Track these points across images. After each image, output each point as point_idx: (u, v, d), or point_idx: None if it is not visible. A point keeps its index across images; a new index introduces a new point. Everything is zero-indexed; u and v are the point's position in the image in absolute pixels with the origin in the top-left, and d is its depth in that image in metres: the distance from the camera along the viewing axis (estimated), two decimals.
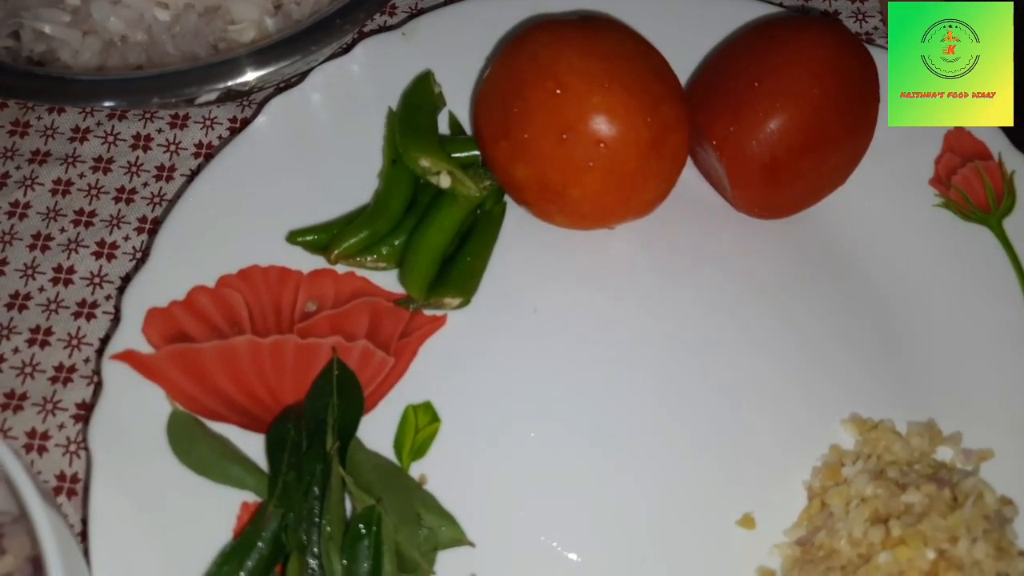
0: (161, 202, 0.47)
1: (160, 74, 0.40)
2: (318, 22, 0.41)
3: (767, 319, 0.43)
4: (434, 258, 0.42)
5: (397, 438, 0.40)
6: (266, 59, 0.41)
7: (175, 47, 0.42)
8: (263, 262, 0.42)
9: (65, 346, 0.42)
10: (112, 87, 0.40)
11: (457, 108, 0.47)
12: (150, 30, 0.42)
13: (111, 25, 0.42)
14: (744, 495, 0.39)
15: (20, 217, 0.46)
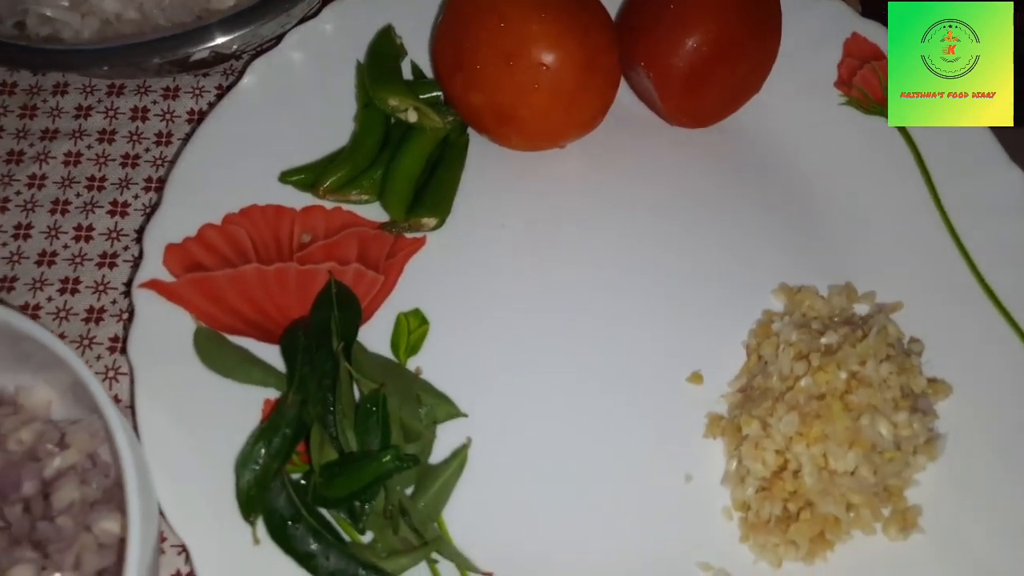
0: (163, 163, 0.52)
1: (155, 39, 0.46)
2: None
3: (705, 212, 0.50)
4: (410, 183, 0.48)
5: (393, 339, 0.46)
6: (246, 20, 0.46)
7: (166, 19, 0.48)
8: (261, 201, 0.48)
9: (93, 292, 0.48)
10: (113, 52, 0.46)
11: (417, 56, 0.53)
12: (141, 7, 0.48)
13: (107, 5, 0.47)
14: (694, 357, 0.46)
15: (39, 187, 0.51)
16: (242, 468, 0.39)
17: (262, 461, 0.39)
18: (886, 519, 0.39)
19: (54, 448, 0.38)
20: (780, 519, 0.39)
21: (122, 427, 0.35)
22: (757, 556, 0.40)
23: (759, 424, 0.40)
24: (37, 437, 0.38)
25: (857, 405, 0.38)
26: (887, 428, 0.38)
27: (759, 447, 0.39)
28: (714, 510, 0.41)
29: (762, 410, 0.40)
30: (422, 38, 0.53)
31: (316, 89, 0.51)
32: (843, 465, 0.37)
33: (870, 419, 0.38)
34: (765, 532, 0.39)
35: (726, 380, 0.45)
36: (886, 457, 0.38)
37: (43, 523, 0.35)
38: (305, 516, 0.38)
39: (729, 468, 0.41)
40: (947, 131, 0.49)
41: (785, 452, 0.39)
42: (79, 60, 0.46)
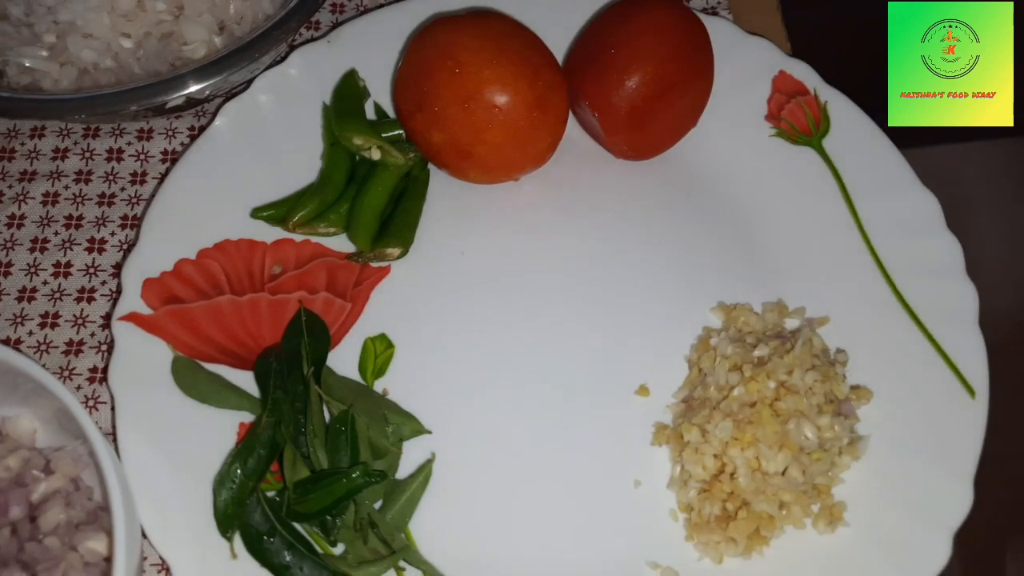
0: (139, 202, 0.55)
1: (132, 88, 0.49)
2: (257, 36, 0.51)
3: (649, 237, 0.54)
4: (375, 216, 0.52)
5: (361, 363, 0.49)
6: (218, 69, 0.50)
7: (140, 68, 0.51)
8: (233, 236, 0.51)
9: (72, 325, 0.51)
10: (92, 101, 0.49)
11: (380, 98, 0.57)
12: (117, 56, 0.51)
13: (84, 55, 0.50)
14: (641, 371, 0.49)
15: (18, 227, 0.54)
16: (219, 487, 0.42)
17: (238, 480, 0.42)
18: (815, 515, 0.43)
19: (39, 474, 0.40)
20: (720, 518, 0.42)
21: (107, 452, 0.38)
22: (701, 554, 0.43)
23: (699, 431, 0.44)
24: (23, 464, 0.40)
25: (785, 411, 0.42)
26: (812, 431, 0.42)
27: (699, 452, 0.43)
28: (661, 512, 0.45)
29: (701, 418, 0.44)
30: (383, 81, 0.57)
31: (284, 129, 0.55)
32: (774, 466, 0.41)
33: (796, 423, 0.41)
34: (707, 531, 0.42)
35: (671, 392, 0.49)
36: (813, 458, 0.42)
37: (31, 544, 0.38)
38: (280, 530, 0.40)
39: (674, 473, 0.45)
40: (866, 157, 0.54)
41: (722, 456, 0.42)
42: (59, 109, 0.49)
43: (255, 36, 0.50)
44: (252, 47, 0.50)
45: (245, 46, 0.50)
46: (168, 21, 0.51)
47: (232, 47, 0.50)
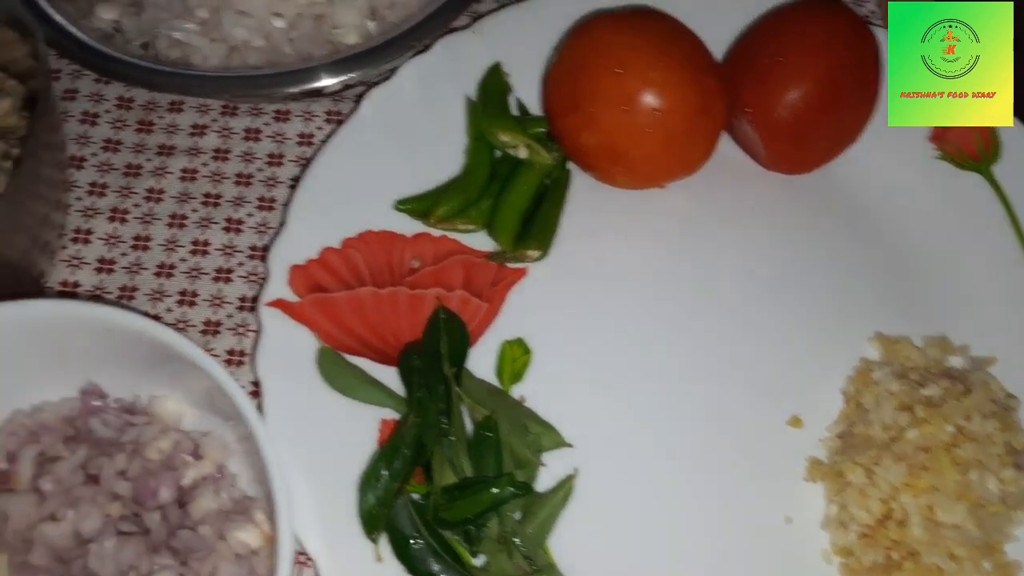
0: (275, 184, 0.54)
1: (284, 72, 0.48)
2: (412, 27, 0.49)
3: (798, 257, 0.51)
4: (518, 216, 0.50)
5: (498, 367, 0.48)
6: (369, 59, 0.48)
7: (291, 49, 0.50)
8: (375, 227, 0.50)
9: (209, 305, 0.50)
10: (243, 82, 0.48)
11: (522, 93, 0.55)
12: (269, 36, 0.50)
13: (236, 33, 0.50)
14: (792, 400, 0.47)
15: (156, 201, 0.54)
16: (365, 487, 0.41)
17: (384, 481, 0.41)
18: (988, 573, 0.40)
19: (189, 458, 0.40)
20: (882, 566, 0.40)
21: (267, 437, 0.37)
22: None
23: (863, 472, 0.41)
24: (174, 447, 0.40)
25: (964, 460, 0.39)
26: (995, 484, 0.39)
27: (864, 495, 0.41)
28: (813, 553, 0.43)
29: (867, 458, 0.41)
30: (526, 75, 0.55)
31: (427, 120, 0.53)
32: (950, 517, 0.38)
33: (980, 475, 0.39)
34: None
35: (824, 424, 0.46)
36: (991, 511, 0.39)
37: (184, 532, 0.37)
38: (426, 536, 0.39)
39: (830, 513, 0.42)
40: None
41: (890, 501, 0.40)
42: (214, 86, 0.48)
43: (410, 26, 0.49)
44: (408, 36, 0.49)
45: (401, 35, 0.48)
46: (321, 3, 0.50)
47: (386, 35, 0.49)
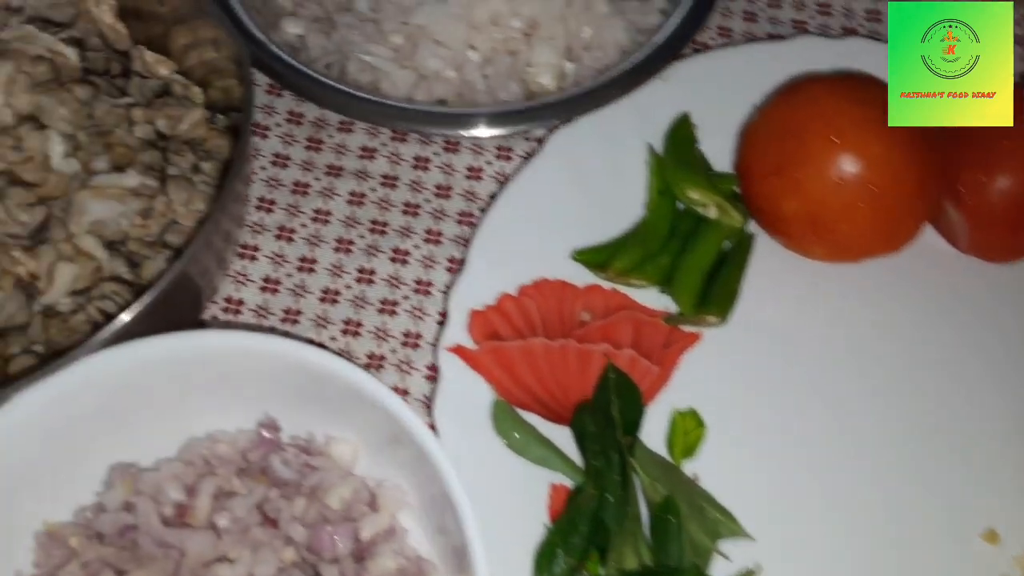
0: (443, 217, 0.53)
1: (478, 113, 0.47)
2: (607, 82, 0.47)
3: (999, 353, 0.47)
4: (701, 277, 0.48)
5: (669, 439, 0.45)
6: (561, 110, 0.47)
7: (484, 85, 0.49)
8: (550, 276, 0.48)
9: (374, 337, 0.49)
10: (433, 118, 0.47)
11: (706, 145, 0.52)
12: (461, 68, 0.49)
13: (429, 63, 0.49)
14: (989, 514, 0.43)
15: (324, 223, 0.53)
16: (541, 565, 0.39)
17: (561, 560, 0.39)
18: None
19: (366, 508, 0.38)
20: None
21: (463, 493, 0.35)
22: None
23: None
24: (353, 495, 0.38)
25: None
26: None
27: None
28: None
29: None
30: (713, 128, 0.53)
31: (608, 168, 0.51)
32: None
33: None
34: None
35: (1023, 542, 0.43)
36: None
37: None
38: None
39: None
40: None
41: None
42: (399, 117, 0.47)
43: (607, 79, 0.47)
44: (604, 90, 0.47)
45: (596, 89, 0.46)
46: (518, 39, 0.49)
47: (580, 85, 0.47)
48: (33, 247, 0.38)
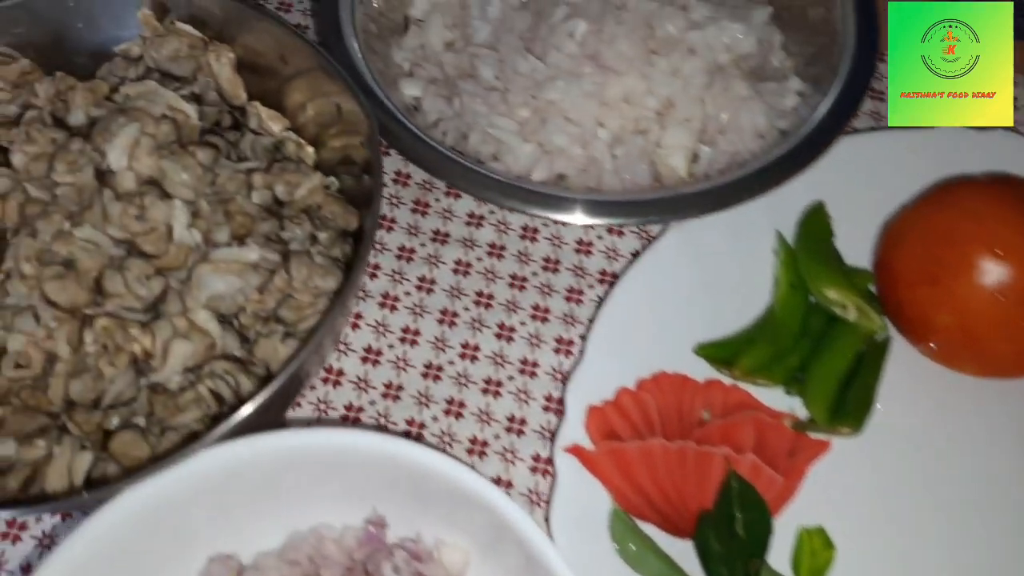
0: (550, 292, 0.51)
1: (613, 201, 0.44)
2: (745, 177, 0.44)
3: None
4: (836, 384, 0.44)
5: (794, 559, 0.42)
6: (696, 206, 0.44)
7: (612, 166, 0.46)
8: (670, 368, 0.45)
9: (477, 420, 0.47)
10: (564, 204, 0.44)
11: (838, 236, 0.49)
12: (588, 145, 0.47)
13: (556, 139, 0.46)
14: None
15: (428, 291, 0.51)
16: None
17: None
18: None
19: None
20: None
21: None
22: None
23: None
24: None
25: None
26: None
27: None
28: None
29: None
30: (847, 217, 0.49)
31: (732, 255, 0.48)
32: None
33: None
34: None
35: None
36: None
37: None
38: None
39: None
40: None
41: None
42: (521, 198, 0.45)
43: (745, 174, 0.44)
44: (741, 185, 0.43)
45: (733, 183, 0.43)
46: (650, 119, 0.46)
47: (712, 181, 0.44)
48: (148, 323, 0.36)
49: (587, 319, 0.49)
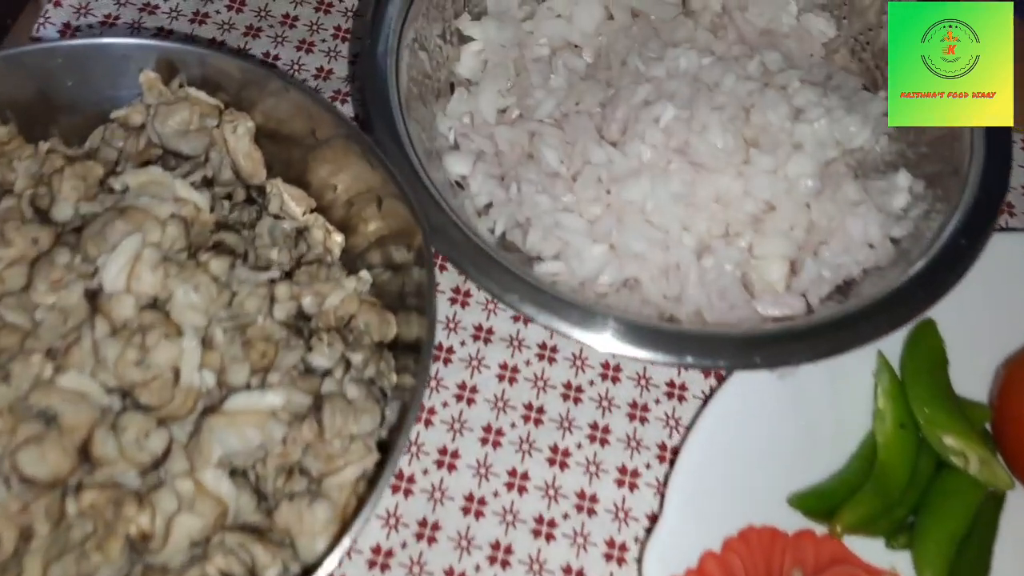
0: (610, 407, 0.44)
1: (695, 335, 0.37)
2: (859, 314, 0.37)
3: None
4: (952, 544, 0.38)
5: None
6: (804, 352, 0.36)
7: (695, 271, 0.39)
8: (757, 522, 0.39)
9: (527, 570, 0.40)
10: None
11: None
12: (669, 249, 0.40)
13: (634, 244, 0.39)
14: None
15: (468, 402, 0.44)
16: None
17: None
18: None
19: None
20: None
21: None
22: None
23: None
24: None
25: None
26: None
27: None
28: None
29: None
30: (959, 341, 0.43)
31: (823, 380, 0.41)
32: None
33: None
34: None
35: None
36: None
37: None
38: None
39: None
40: None
41: None
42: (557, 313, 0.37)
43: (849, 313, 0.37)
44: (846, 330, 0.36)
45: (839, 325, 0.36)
46: (743, 223, 0.40)
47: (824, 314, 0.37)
48: (146, 494, 0.29)
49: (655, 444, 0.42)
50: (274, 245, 0.40)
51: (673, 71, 0.41)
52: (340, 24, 0.55)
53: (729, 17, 0.45)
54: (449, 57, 0.47)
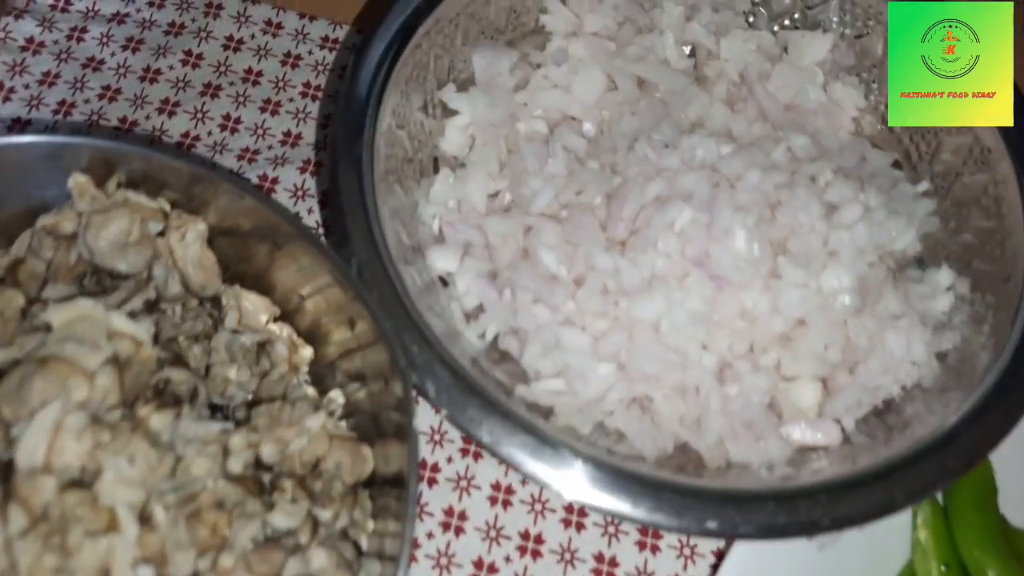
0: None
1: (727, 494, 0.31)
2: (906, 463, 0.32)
3: None
4: None
5: None
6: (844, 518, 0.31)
7: (716, 395, 0.34)
8: None
9: None
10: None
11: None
12: (686, 370, 0.35)
13: (646, 367, 0.34)
14: None
15: (457, 531, 0.39)
16: None
17: None
18: None
19: None
20: None
21: None
22: None
23: None
24: None
25: None
26: None
27: None
28: None
29: None
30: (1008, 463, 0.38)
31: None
32: None
33: None
34: None
35: None
36: None
37: None
38: None
39: None
40: None
41: None
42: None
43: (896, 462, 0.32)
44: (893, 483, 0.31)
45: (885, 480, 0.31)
46: (771, 339, 0.35)
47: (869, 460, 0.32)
48: None
49: None
50: (232, 362, 0.35)
51: (689, 162, 0.36)
52: (310, 80, 0.49)
53: (749, 89, 0.40)
54: (432, 132, 0.41)
